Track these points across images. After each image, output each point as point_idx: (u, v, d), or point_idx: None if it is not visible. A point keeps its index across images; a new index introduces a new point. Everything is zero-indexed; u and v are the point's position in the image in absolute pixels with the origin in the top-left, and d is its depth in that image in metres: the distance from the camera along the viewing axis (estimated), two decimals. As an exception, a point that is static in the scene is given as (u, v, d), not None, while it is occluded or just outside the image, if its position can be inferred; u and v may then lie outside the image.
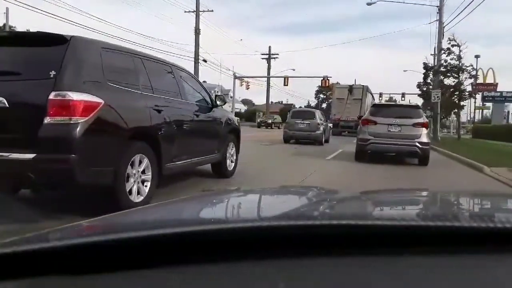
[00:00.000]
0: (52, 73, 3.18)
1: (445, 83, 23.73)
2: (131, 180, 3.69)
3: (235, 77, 39.72)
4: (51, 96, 3.12)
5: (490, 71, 37.98)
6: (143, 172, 3.87)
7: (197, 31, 33.56)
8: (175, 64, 5.30)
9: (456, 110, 26.26)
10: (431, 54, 27.44)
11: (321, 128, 15.41)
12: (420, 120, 9.63)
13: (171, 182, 4.91)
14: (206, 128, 5.48)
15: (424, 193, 1.48)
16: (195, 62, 31.70)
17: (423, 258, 0.58)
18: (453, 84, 23.55)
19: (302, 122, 15.19)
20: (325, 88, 36.00)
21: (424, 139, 9.38)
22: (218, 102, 5.82)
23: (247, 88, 42.91)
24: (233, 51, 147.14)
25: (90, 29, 20.96)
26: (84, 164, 3.21)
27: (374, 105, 11.57)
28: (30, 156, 3.07)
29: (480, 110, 49.26)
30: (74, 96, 3.17)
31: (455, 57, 22.86)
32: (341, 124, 28.29)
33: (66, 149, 3.16)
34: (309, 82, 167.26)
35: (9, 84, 3.31)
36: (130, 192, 3.68)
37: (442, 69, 23.30)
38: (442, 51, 23.19)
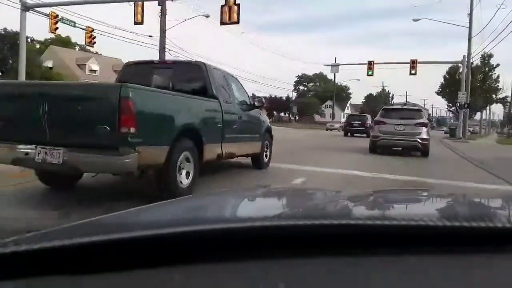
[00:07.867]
0: None
1: None
2: None
3: (24, 9, 18.04)
4: None
5: None
6: None
7: None
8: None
9: None
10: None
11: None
12: (421, 121, 12.08)
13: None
14: None
15: (424, 193, 1.49)
16: None
17: (423, 258, 0.58)
18: None
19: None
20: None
21: (424, 135, 11.79)
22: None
23: (92, 44, 22.14)
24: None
25: None
26: None
27: (384, 109, 13.68)
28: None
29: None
30: None
31: None
32: None
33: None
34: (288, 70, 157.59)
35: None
36: None
37: None
38: None
